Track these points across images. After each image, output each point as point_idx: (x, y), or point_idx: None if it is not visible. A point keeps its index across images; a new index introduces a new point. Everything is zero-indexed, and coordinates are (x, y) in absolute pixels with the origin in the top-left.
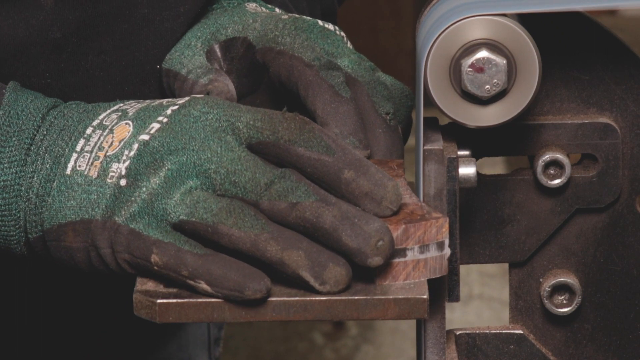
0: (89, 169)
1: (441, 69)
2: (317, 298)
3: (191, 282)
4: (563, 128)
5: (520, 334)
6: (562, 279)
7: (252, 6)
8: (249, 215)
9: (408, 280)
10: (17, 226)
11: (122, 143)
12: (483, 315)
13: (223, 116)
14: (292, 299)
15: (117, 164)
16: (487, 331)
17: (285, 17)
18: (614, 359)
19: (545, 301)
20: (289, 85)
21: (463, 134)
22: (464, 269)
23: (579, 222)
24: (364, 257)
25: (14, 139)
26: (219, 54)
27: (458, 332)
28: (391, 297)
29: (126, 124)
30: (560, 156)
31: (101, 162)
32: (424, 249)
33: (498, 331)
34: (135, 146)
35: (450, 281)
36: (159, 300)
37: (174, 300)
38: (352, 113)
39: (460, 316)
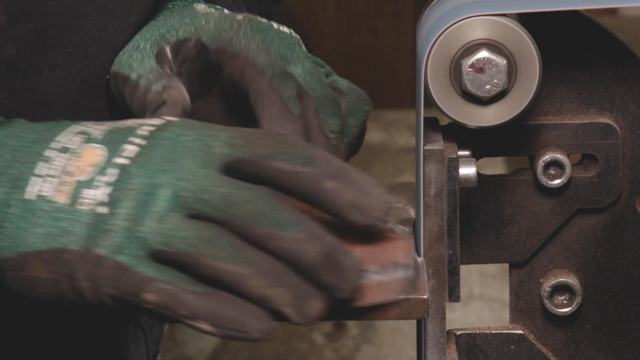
0: (56, 195)
1: (441, 69)
2: None
3: (189, 322)
4: (563, 128)
5: (520, 334)
6: (562, 279)
7: (201, 7)
8: (229, 244)
9: (373, 301)
10: None
11: (95, 168)
12: (483, 316)
13: (200, 136)
14: None
15: (90, 190)
16: (488, 331)
17: (240, 17)
18: (614, 359)
19: (546, 301)
20: (241, 89)
21: (463, 134)
22: (464, 269)
23: (579, 222)
24: (339, 294)
25: None
26: (169, 55)
27: (458, 333)
28: (391, 297)
29: (96, 148)
30: (560, 156)
31: (72, 189)
32: (388, 271)
33: (498, 331)
34: (114, 171)
35: (451, 281)
36: None
37: None
38: (298, 132)
39: (461, 316)
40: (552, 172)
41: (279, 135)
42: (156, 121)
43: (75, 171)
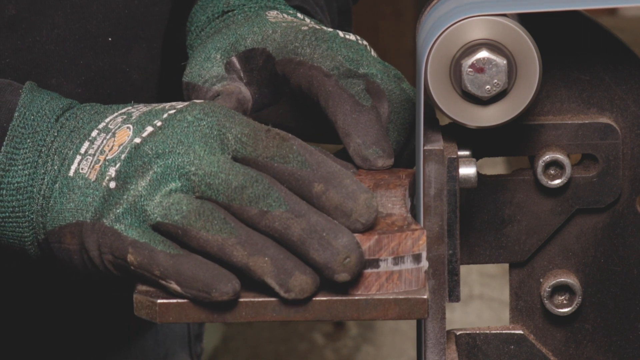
0: (90, 172)
1: (441, 69)
2: (317, 298)
3: (163, 282)
4: (563, 128)
5: (520, 334)
6: (562, 279)
7: (273, 14)
8: (218, 218)
9: (381, 292)
10: (30, 227)
11: (121, 147)
12: (483, 316)
13: (215, 125)
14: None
15: (113, 167)
16: (488, 331)
17: (305, 28)
18: (614, 359)
19: (546, 301)
20: (310, 95)
21: (463, 134)
22: (464, 269)
23: (579, 222)
24: (331, 273)
25: (28, 140)
26: (238, 65)
27: (458, 333)
28: (391, 297)
29: (127, 127)
30: (560, 156)
31: (100, 166)
32: (398, 261)
33: (498, 331)
34: (127, 149)
35: (451, 281)
36: (159, 301)
37: (174, 301)
38: (374, 122)
39: (461, 316)
40: (552, 172)
41: (280, 138)
42: (183, 104)
43: (108, 150)
